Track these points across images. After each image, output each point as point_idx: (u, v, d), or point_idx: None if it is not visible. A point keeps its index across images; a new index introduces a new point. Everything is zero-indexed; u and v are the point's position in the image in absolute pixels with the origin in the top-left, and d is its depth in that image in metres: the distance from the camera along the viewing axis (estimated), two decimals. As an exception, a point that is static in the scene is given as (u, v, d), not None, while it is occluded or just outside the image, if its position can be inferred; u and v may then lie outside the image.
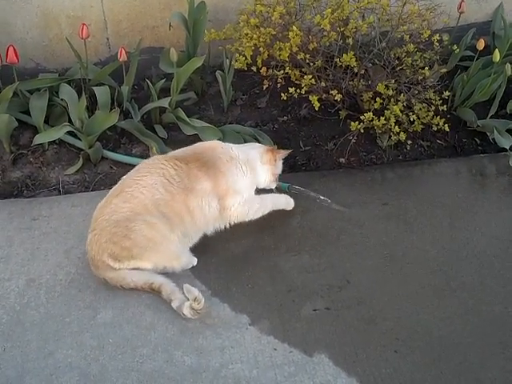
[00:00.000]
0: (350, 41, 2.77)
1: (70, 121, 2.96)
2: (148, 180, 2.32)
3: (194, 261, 2.41)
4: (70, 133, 2.96)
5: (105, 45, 3.34)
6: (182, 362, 2.08)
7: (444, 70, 2.94)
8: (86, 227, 2.52)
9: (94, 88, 3.01)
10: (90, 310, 2.24)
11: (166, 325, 2.20)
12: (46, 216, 2.64)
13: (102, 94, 2.99)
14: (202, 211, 2.37)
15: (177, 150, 2.52)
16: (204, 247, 2.43)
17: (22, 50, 3.21)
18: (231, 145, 2.56)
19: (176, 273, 2.35)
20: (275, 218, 2.59)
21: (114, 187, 2.41)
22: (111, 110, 2.95)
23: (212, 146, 2.54)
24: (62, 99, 3.00)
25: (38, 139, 2.86)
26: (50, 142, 3.00)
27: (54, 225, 2.59)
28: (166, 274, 2.32)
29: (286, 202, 2.61)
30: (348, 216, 2.64)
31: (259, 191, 2.58)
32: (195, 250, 2.42)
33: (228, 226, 2.47)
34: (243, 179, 2.47)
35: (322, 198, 2.68)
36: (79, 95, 2.98)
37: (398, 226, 2.60)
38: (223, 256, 2.46)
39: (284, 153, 2.59)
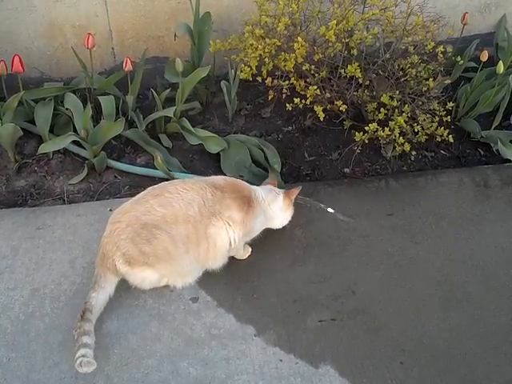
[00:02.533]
0: (355, 52, 2.78)
1: (74, 130, 2.96)
2: (188, 195, 2.27)
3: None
4: (74, 142, 2.95)
5: (110, 54, 3.35)
6: (188, 373, 2.08)
7: (448, 81, 2.96)
8: (91, 237, 2.56)
9: (99, 97, 3.01)
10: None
11: (172, 335, 2.20)
12: (51, 225, 2.63)
13: (107, 103, 3.00)
14: (220, 239, 2.32)
15: (212, 177, 2.47)
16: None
17: (27, 59, 3.22)
18: (255, 187, 2.50)
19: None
20: (280, 231, 2.58)
21: (154, 187, 2.35)
22: (116, 119, 2.96)
23: (245, 184, 2.48)
24: (67, 108, 3.00)
25: (43, 148, 2.86)
26: (55, 152, 2.99)
27: (58, 234, 2.59)
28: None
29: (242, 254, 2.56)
30: (353, 226, 2.64)
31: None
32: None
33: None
34: (261, 223, 2.47)
35: (328, 209, 2.69)
36: (84, 104, 2.98)
37: (403, 237, 2.60)
38: (228, 267, 2.43)
39: (297, 192, 2.52)
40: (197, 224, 2.25)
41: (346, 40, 2.74)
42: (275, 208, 2.47)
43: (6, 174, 2.94)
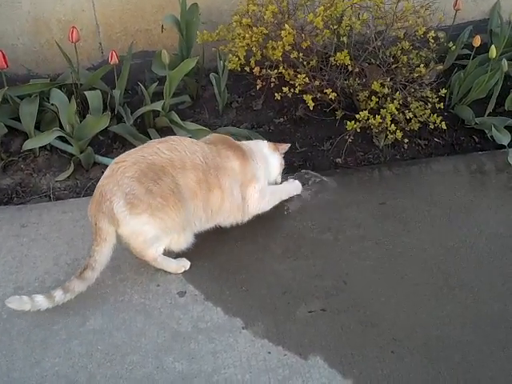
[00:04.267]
0: (345, 39, 2.74)
1: (61, 126, 2.93)
2: (190, 146, 2.28)
3: (187, 264, 2.37)
4: (61, 139, 2.93)
5: (97, 49, 3.33)
6: (173, 368, 2.04)
7: (440, 68, 2.91)
8: (76, 233, 2.54)
9: (86, 92, 2.99)
10: (78, 316, 2.20)
11: (157, 330, 2.16)
12: (36, 223, 2.60)
13: (93, 98, 2.97)
14: (231, 193, 2.34)
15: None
16: (197, 251, 2.37)
17: (13, 56, 3.22)
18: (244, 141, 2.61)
19: (166, 276, 2.32)
20: (270, 219, 2.56)
21: (157, 139, 2.42)
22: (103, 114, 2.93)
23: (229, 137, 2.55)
24: (52, 104, 2.97)
25: (28, 145, 2.83)
26: (41, 149, 2.97)
27: (43, 231, 2.56)
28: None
29: (294, 188, 2.65)
30: (345, 216, 2.60)
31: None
32: (188, 254, 2.37)
33: (243, 220, 2.46)
34: (261, 168, 2.48)
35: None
36: (70, 100, 2.94)
37: (396, 226, 2.55)
38: (217, 259, 2.41)
39: (285, 146, 2.63)
40: (206, 172, 2.25)
41: (335, 27, 2.70)
42: (263, 149, 2.55)
43: (-9, 173, 2.92)
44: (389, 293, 2.27)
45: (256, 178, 2.43)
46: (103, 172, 2.81)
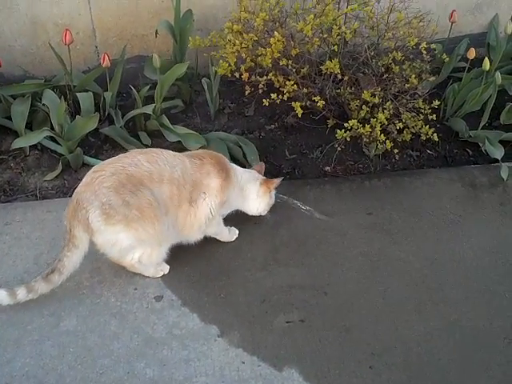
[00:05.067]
0: (336, 48, 2.64)
1: (52, 127, 2.85)
2: (171, 159, 2.19)
3: (166, 268, 2.28)
4: (52, 139, 2.86)
5: (93, 53, 3.25)
6: (144, 374, 1.94)
7: (432, 79, 2.79)
8: (59, 233, 2.41)
9: (78, 94, 2.92)
10: (53, 317, 2.11)
11: (131, 334, 2.06)
12: (20, 221, 2.52)
13: (85, 99, 2.90)
14: (198, 210, 2.23)
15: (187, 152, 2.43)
16: (176, 255, 2.27)
17: (10, 57, 3.17)
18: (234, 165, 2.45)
19: (145, 279, 2.23)
20: (253, 226, 2.47)
21: (140, 149, 2.33)
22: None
23: (222, 156, 2.41)
24: (43, 104, 2.90)
25: (17, 143, 2.76)
26: (32, 148, 2.90)
27: (26, 230, 2.47)
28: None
29: (229, 236, 2.44)
30: (330, 225, 2.49)
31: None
32: (167, 258, 2.26)
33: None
34: (236, 198, 2.37)
35: (305, 207, 2.55)
36: (60, 101, 2.86)
37: (382, 237, 2.44)
38: (196, 264, 2.31)
39: (277, 182, 2.44)
40: (180, 187, 2.16)
41: (325, 35, 2.60)
42: (251, 189, 2.39)
43: (-20, 171, 2.84)
44: (370, 305, 2.16)
45: (224, 200, 2.30)
46: None
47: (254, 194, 2.39)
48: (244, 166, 2.72)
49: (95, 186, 2.06)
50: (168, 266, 2.28)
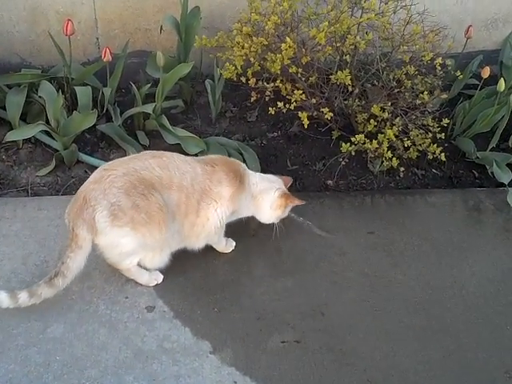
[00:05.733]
0: (348, 58, 2.63)
1: (47, 120, 2.82)
2: (182, 165, 2.17)
3: (160, 278, 2.26)
4: (47, 133, 2.82)
5: (94, 45, 3.21)
6: (132, 388, 1.92)
7: (444, 96, 2.79)
8: (50, 233, 2.43)
9: (76, 88, 2.88)
10: (40, 322, 2.09)
11: (120, 346, 2.04)
12: (9, 218, 2.49)
13: (83, 94, 2.86)
14: (210, 217, 2.22)
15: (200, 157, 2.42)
16: (171, 265, 2.25)
17: (8, 44, 3.14)
18: (252, 172, 2.41)
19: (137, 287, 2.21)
20: (251, 239, 2.46)
21: (150, 151, 2.30)
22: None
23: (238, 162, 2.41)
24: (40, 96, 2.86)
25: (10, 136, 2.73)
26: (25, 141, 2.86)
27: (15, 228, 2.44)
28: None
29: (225, 247, 2.42)
30: (330, 243, 2.48)
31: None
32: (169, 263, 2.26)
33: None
34: (247, 207, 2.33)
35: (306, 222, 2.55)
36: (58, 94, 2.81)
37: (382, 258, 2.44)
38: (191, 276, 2.30)
39: (298, 203, 2.38)
40: (189, 195, 2.15)
41: (338, 44, 2.58)
42: (265, 200, 2.34)
43: (-30, 161, 2.81)
44: (368, 329, 2.15)
45: (234, 209, 2.29)
46: (86, 171, 2.78)
47: (267, 205, 2.34)
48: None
49: (105, 184, 2.04)
50: (162, 276, 2.26)
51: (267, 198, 2.34)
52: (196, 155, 2.77)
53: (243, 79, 2.71)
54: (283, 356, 2.04)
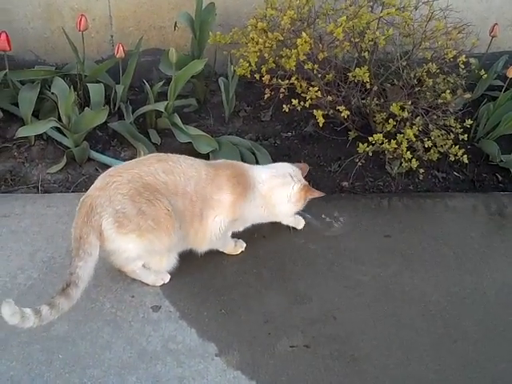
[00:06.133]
0: (366, 55, 2.58)
1: (60, 117, 2.82)
2: (188, 170, 2.14)
3: (167, 278, 2.23)
4: (59, 130, 2.83)
5: (108, 42, 3.23)
6: (135, 389, 1.89)
7: (467, 96, 2.71)
8: (58, 230, 2.43)
9: (89, 85, 2.89)
10: (44, 320, 2.07)
11: (124, 345, 2.01)
12: (18, 214, 2.50)
13: (95, 91, 2.87)
14: (207, 226, 2.18)
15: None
16: (179, 265, 2.22)
17: (22, 40, 3.17)
18: (260, 168, 2.36)
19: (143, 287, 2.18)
20: (261, 240, 2.41)
21: (157, 154, 2.30)
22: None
23: (244, 165, 2.35)
24: (52, 93, 2.87)
25: (22, 132, 2.72)
26: (37, 138, 2.88)
27: (24, 224, 2.44)
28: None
29: (233, 249, 2.38)
30: (344, 245, 2.43)
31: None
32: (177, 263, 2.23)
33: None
34: (255, 212, 2.29)
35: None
36: (70, 91, 2.81)
37: (399, 262, 2.37)
38: (198, 276, 2.26)
39: (317, 195, 2.34)
40: (193, 202, 2.12)
41: (356, 39, 2.53)
42: (280, 195, 2.28)
43: (-18, 158, 2.82)
44: (381, 335, 2.09)
45: (238, 215, 2.24)
46: (96, 169, 2.78)
47: (285, 199, 2.29)
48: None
49: (110, 191, 2.03)
50: (169, 275, 2.23)
51: (284, 192, 2.28)
52: (208, 154, 2.76)
53: (257, 76, 2.67)
54: (291, 361, 1.99)
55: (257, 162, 2.74)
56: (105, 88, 2.95)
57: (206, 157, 2.75)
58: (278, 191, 2.28)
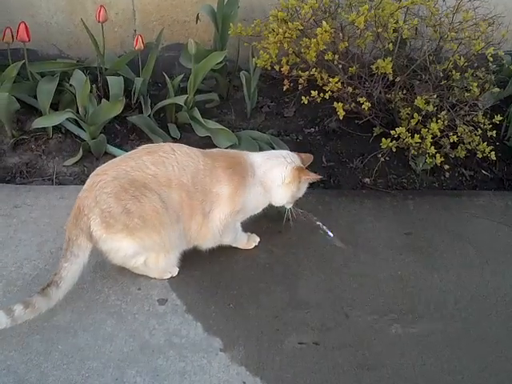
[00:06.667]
0: (390, 46, 2.51)
1: (78, 110, 2.84)
2: (183, 159, 2.09)
3: (175, 271, 2.19)
4: (77, 123, 2.84)
5: (131, 37, 3.23)
6: (134, 382, 1.85)
7: (496, 90, 2.61)
8: (68, 221, 2.43)
9: (108, 78, 2.90)
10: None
11: (126, 338, 1.98)
12: (30, 205, 2.51)
13: (114, 84, 2.88)
14: (209, 220, 2.14)
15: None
16: (188, 257, 2.19)
17: (45, 34, 3.21)
18: (255, 154, 2.30)
19: (150, 280, 2.15)
20: (276, 235, 2.36)
21: (148, 145, 2.22)
22: (124, 102, 2.82)
23: (241, 153, 2.29)
24: (71, 85, 2.89)
25: (38, 123, 2.75)
26: (55, 131, 2.89)
27: (35, 215, 2.45)
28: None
29: (247, 244, 2.33)
30: (362, 241, 2.36)
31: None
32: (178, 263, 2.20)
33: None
34: (256, 199, 2.23)
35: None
36: (92, 83, 2.86)
37: (419, 260, 2.28)
38: (208, 269, 2.22)
39: (312, 177, 2.27)
40: (191, 195, 2.07)
41: (379, 29, 2.47)
42: (273, 178, 2.21)
43: (0, 149, 2.85)
44: (396, 334, 2.01)
45: (239, 206, 2.18)
46: None
47: (278, 182, 2.21)
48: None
49: (96, 191, 2.01)
50: (177, 269, 2.20)
51: (277, 175, 2.21)
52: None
53: (277, 67, 2.64)
54: (299, 358, 1.92)
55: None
56: (126, 82, 2.95)
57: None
58: (272, 172, 2.21)
